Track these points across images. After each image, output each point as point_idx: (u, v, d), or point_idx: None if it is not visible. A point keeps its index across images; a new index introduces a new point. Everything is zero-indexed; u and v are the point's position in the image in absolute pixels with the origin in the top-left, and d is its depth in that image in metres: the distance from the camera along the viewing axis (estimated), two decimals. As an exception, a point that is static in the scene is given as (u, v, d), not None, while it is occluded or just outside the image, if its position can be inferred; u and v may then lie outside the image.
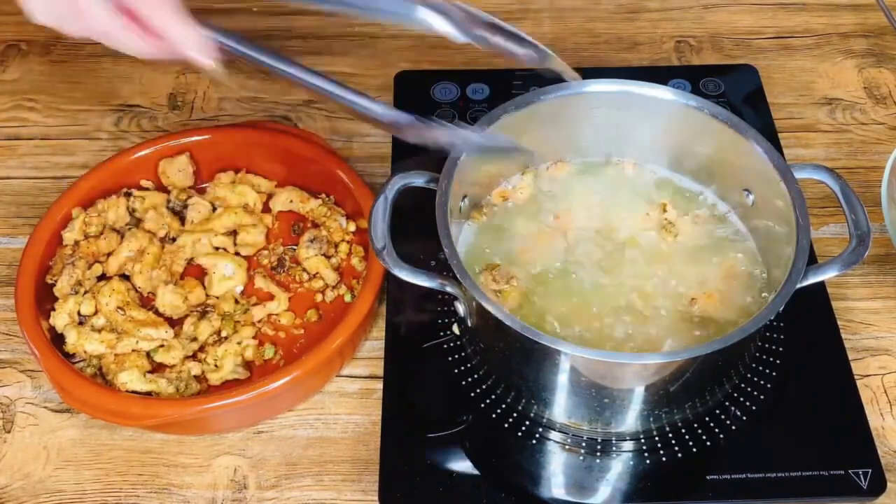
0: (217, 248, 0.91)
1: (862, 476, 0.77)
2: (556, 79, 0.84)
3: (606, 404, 0.76)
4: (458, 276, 0.72)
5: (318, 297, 0.89)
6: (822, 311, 0.87)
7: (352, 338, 0.82)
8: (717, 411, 0.80)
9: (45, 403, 0.84)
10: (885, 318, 0.89)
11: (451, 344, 0.84)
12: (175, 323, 0.86)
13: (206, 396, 0.81)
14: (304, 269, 0.90)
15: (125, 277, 0.89)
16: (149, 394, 0.81)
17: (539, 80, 0.83)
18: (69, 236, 0.89)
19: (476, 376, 0.82)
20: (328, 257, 0.90)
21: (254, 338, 0.86)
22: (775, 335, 0.85)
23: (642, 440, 0.79)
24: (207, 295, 0.88)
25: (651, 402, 0.76)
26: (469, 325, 0.79)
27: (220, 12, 1.17)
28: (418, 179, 0.78)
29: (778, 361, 0.83)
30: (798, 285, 0.71)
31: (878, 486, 0.76)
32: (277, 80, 0.78)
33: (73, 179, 0.93)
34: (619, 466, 0.79)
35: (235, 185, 0.94)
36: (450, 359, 0.84)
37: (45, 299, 0.86)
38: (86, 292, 0.86)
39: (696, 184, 0.87)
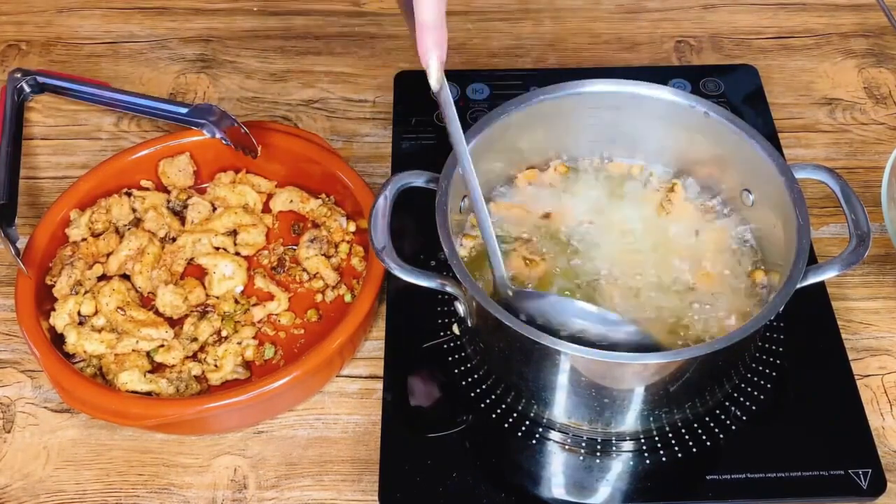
0: (217, 248, 0.91)
1: (862, 476, 0.77)
2: (556, 79, 0.84)
3: (606, 404, 0.76)
4: (458, 276, 0.72)
5: (318, 297, 0.89)
6: (822, 311, 0.87)
7: (352, 338, 0.82)
8: (717, 411, 0.80)
9: (45, 403, 0.84)
10: (885, 318, 0.89)
11: (451, 344, 0.84)
12: (175, 323, 0.86)
13: (206, 396, 0.81)
14: (304, 269, 0.90)
15: (125, 277, 0.89)
16: (149, 394, 0.81)
17: (539, 80, 0.83)
18: (76, 233, 0.89)
19: (476, 376, 0.82)
20: (328, 257, 0.90)
21: (254, 338, 0.86)
22: (775, 335, 0.85)
23: (642, 440, 0.79)
24: (207, 295, 0.88)
25: (651, 403, 0.76)
26: (469, 325, 0.79)
27: (220, 12, 1.17)
28: (418, 179, 0.78)
29: (778, 361, 0.83)
30: (798, 285, 0.71)
31: (878, 486, 0.76)
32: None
33: (73, 179, 0.93)
34: (619, 466, 0.79)
35: (235, 185, 0.94)
36: (450, 359, 0.84)
37: (45, 299, 0.86)
38: (86, 292, 0.86)
39: (695, 183, 0.87)
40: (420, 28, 0.64)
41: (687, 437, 0.79)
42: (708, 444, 0.79)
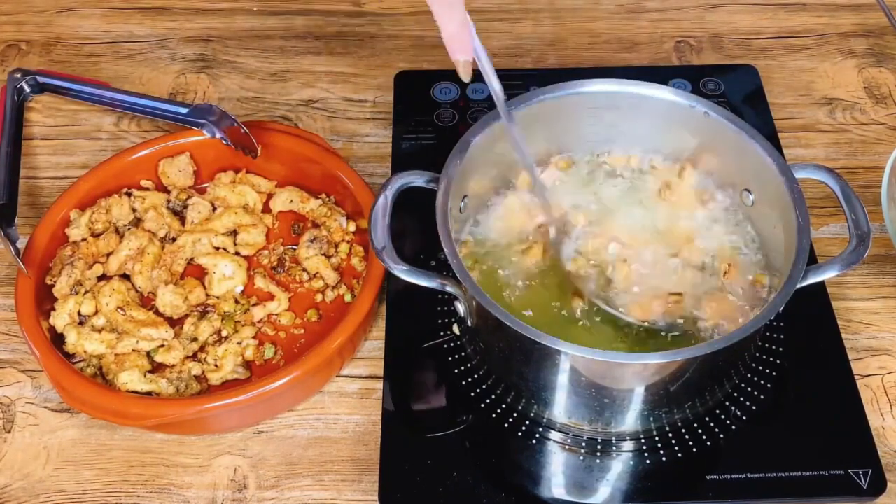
0: (217, 248, 0.91)
1: (862, 476, 0.77)
2: (556, 79, 0.84)
3: (606, 404, 0.76)
4: (458, 276, 0.72)
5: (318, 297, 0.89)
6: (822, 311, 0.87)
7: (352, 338, 0.82)
8: (717, 411, 0.80)
9: (45, 403, 0.84)
10: (885, 318, 0.89)
11: (451, 344, 0.84)
12: (175, 323, 0.86)
13: (206, 396, 0.81)
14: (304, 269, 0.90)
15: (125, 277, 0.89)
16: (149, 394, 0.81)
17: (539, 80, 0.83)
18: (76, 233, 0.89)
19: (476, 376, 0.83)
20: (328, 257, 0.90)
21: (254, 338, 0.86)
22: (775, 335, 0.85)
23: (642, 440, 0.79)
24: (207, 295, 0.88)
25: (651, 402, 0.76)
26: (469, 325, 0.79)
27: (220, 12, 1.17)
28: (418, 179, 0.78)
29: (778, 361, 0.83)
30: (798, 285, 0.71)
31: (878, 486, 0.76)
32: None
33: (73, 179, 0.93)
34: (619, 466, 0.79)
35: (235, 185, 0.94)
36: (450, 359, 0.84)
37: (45, 299, 0.86)
38: (86, 292, 0.86)
39: (695, 184, 0.87)
40: (445, 39, 0.73)
41: (687, 437, 0.79)
42: (708, 444, 0.79)
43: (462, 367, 0.83)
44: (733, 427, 0.80)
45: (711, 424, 0.80)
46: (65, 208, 0.90)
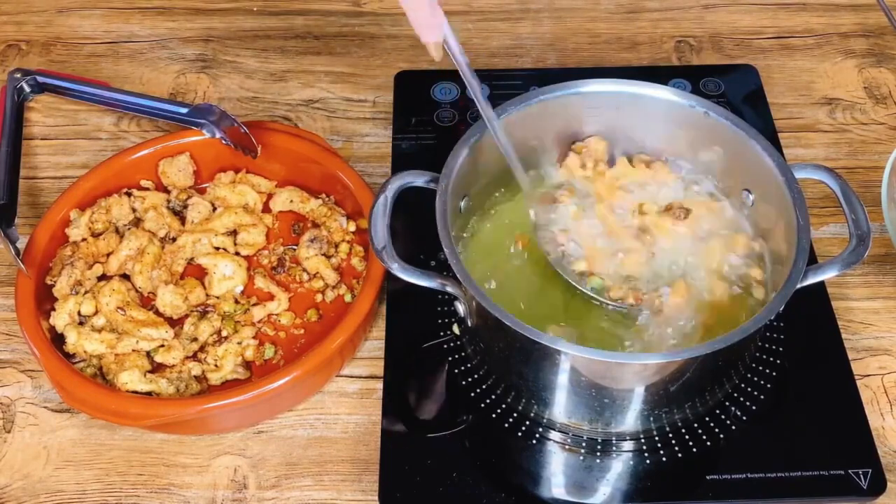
0: (217, 248, 0.91)
1: (862, 476, 0.77)
2: (555, 79, 0.84)
3: (606, 404, 0.76)
4: (458, 276, 0.72)
5: (318, 297, 0.89)
6: (822, 311, 0.87)
7: (352, 338, 0.82)
8: (717, 411, 0.80)
9: (45, 403, 0.84)
10: (885, 318, 0.89)
11: (451, 344, 0.84)
12: (175, 323, 0.86)
13: (206, 396, 0.81)
14: (304, 269, 0.90)
15: (125, 277, 0.89)
16: (149, 394, 0.81)
17: (539, 80, 0.83)
18: (76, 233, 0.89)
19: (476, 376, 0.83)
20: (328, 257, 0.90)
21: (254, 338, 0.86)
22: (775, 335, 0.85)
23: (642, 440, 0.79)
24: (207, 295, 0.88)
25: (651, 402, 0.76)
26: (469, 325, 0.79)
27: (220, 12, 1.17)
28: (418, 179, 0.78)
29: (778, 361, 0.83)
30: (798, 285, 0.71)
31: (878, 486, 0.76)
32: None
33: (73, 179, 0.93)
34: (619, 466, 0.79)
35: (235, 185, 0.94)
36: (450, 359, 0.84)
37: (45, 299, 0.86)
38: (86, 292, 0.86)
39: (695, 184, 0.87)
40: (413, 23, 0.74)
41: (687, 437, 0.79)
42: (708, 444, 0.79)
43: (462, 367, 0.83)
44: (733, 427, 0.80)
45: (711, 424, 0.80)
46: (65, 208, 0.90)
